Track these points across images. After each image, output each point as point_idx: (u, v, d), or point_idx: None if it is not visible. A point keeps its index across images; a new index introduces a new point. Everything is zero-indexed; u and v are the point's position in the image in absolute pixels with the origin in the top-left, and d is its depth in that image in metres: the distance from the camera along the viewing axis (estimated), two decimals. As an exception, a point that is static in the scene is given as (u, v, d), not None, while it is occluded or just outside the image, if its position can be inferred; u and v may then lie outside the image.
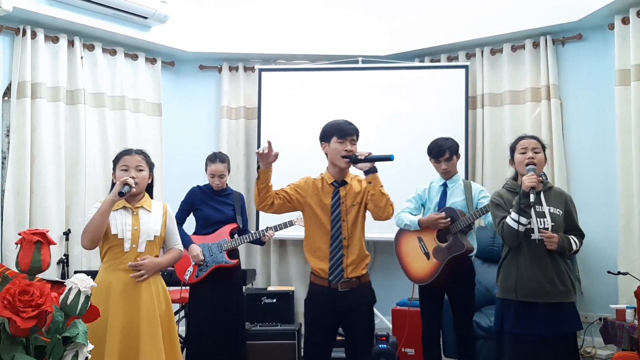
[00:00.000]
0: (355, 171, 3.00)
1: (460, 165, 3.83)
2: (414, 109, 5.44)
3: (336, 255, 2.86)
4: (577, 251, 2.95)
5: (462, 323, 3.58)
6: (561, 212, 2.94)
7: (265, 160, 2.78)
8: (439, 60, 5.68)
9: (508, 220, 2.89)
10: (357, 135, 2.94)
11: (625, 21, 4.58)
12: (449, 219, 3.49)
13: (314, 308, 2.96)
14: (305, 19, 5.65)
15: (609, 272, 4.36)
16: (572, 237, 2.93)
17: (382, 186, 2.87)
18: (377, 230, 4.41)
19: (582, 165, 5.00)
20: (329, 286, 2.86)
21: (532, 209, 2.86)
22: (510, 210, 2.89)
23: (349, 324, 2.92)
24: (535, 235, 2.87)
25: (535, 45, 5.17)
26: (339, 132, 2.89)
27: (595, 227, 4.82)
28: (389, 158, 2.82)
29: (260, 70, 5.69)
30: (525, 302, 2.85)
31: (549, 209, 2.91)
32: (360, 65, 5.65)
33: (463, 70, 5.40)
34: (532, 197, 2.80)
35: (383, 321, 5.37)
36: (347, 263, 2.86)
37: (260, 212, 5.49)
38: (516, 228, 2.84)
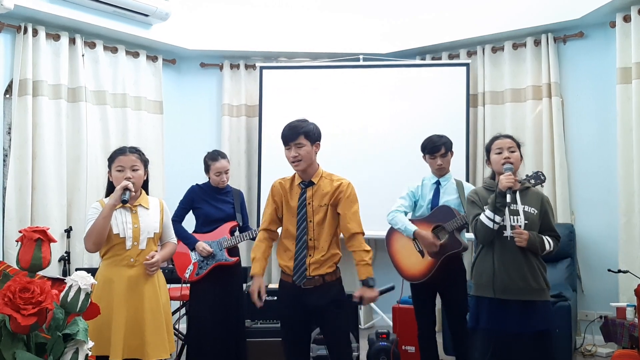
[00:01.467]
0: (326, 168, 3.00)
1: (460, 163, 3.84)
2: (415, 106, 5.44)
3: (300, 255, 2.87)
4: (551, 252, 2.92)
5: (456, 320, 3.58)
6: (536, 211, 2.93)
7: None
8: (440, 58, 5.68)
9: (482, 217, 2.90)
10: (304, 135, 2.85)
11: (627, 19, 4.57)
12: (439, 245, 3.49)
13: (283, 305, 2.98)
14: (306, 17, 5.65)
15: (609, 270, 4.36)
16: (547, 237, 2.92)
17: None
18: (377, 227, 4.43)
19: (583, 163, 4.99)
20: (292, 282, 2.88)
21: (507, 207, 2.87)
22: (485, 207, 2.90)
23: (321, 322, 2.94)
24: (508, 233, 2.88)
25: (537, 43, 5.17)
26: (283, 139, 2.89)
27: (596, 224, 4.84)
28: (392, 288, 3.03)
29: (262, 67, 5.69)
30: (497, 299, 2.86)
31: (524, 208, 2.91)
32: (361, 63, 5.65)
33: (464, 68, 5.40)
34: (508, 197, 2.82)
35: (383, 318, 5.38)
36: (310, 262, 2.85)
37: (262, 209, 5.50)
38: (490, 226, 2.86)
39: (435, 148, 3.62)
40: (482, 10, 5.27)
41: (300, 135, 2.84)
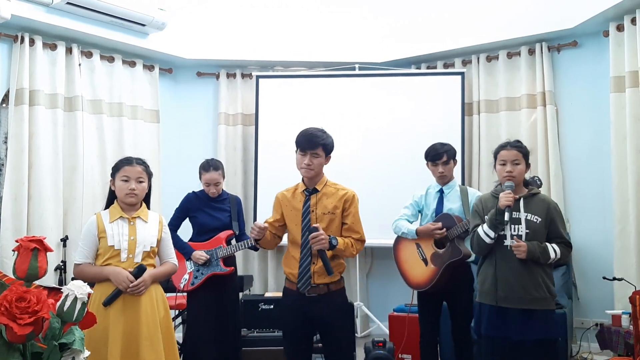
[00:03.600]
0: (330, 176, 3.01)
1: (456, 171, 3.85)
2: (410, 115, 5.46)
3: (304, 262, 2.86)
4: (558, 259, 2.91)
5: (461, 328, 3.59)
6: (540, 219, 2.92)
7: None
8: (435, 67, 5.71)
9: (479, 230, 2.92)
10: (322, 147, 2.87)
11: (620, 28, 4.61)
12: (444, 229, 3.50)
13: (286, 313, 2.98)
14: (302, 26, 5.68)
15: (604, 277, 4.37)
16: (553, 245, 2.90)
17: (344, 250, 2.84)
18: (375, 236, 4.44)
19: (577, 171, 5.02)
20: (297, 290, 2.88)
21: (509, 215, 2.88)
22: (485, 219, 2.91)
23: (323, 331, 2.93)
24: (508, 242, 2.89)
25: (531, 52, 5.20)
26: (300, 145, 2.91)
27: (591, 232, 4.86)
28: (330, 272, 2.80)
29: (258, 77, 5.72)
30: (498, 307, 2.88)
31: (526, 216, 2.91)
32: (357, 72, 5.68)
33: (459, 77, 5.43)
34: (506, 216, 2.83)
35: (380, 327, 5.37)
36: (315, 270, 2.85)
37: (258, 218, 5.52)
38: (486, 241, 2.89)
39: (437, 156, 3.63)
40: (477, 19, 5.30)
41: (320, 146, 2.87)
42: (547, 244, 2.90)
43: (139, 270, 2.71)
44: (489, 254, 2.96)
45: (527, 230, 2.88)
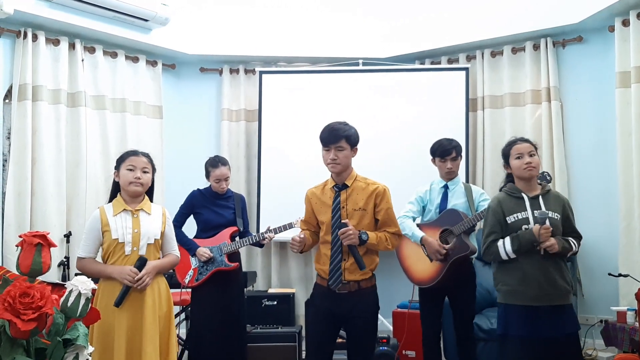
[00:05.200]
0: (359, 171, 2.97)
1: (460, 167, 3.83)
2: (414, 111, 5.44)
3: (335, 259, 2.84)
4: (575, 252, 2.95)
5: (463, 325, 3.58)
6: (559, 216, 2.92)
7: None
8: (439, 63, 5.68)
9: (500, 246, 2.89)
10: (345, 139, 2.84)
11: (626, 23, 4.58)
12: (444, 253, 3.47)
13: (315, 309, 2.97)
14: (305, 21, 5.66)
15: (609, 274, 4.35)
16: (571, 239, 2.93)
17: (377, 244, 2.83)
18: (377, 232, 4.42)
19: (582, 168, 5.00)
20: (327, 287, 2.86)
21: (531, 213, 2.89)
22: (507, 239, 2.87)
23: (349, 328, 2.90)
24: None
25: (536, 47, 5.18)
26: (322, 141, 2.88)
27: (596, 229, 4.83)
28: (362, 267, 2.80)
29: (261, 72, 5.70)
30: (528, 306, 2.85)
31: (548, 214, 2.90)
32: (360, 67, 5.65)
33: (463, 72, 5.41)
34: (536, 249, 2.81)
35: (384, 323, 5.36)
36: (345, 266, 2.83)
37: (262, 214, 5.52)
38: (504, 257, 2.88)
39: (446, 152, 3.61)
40: (481, 14, 5.28)
41: (342, 138, 2.83)
42: (568, 238, 2.92)
43: (141, 263, 2.71)
44: None
45: (551, 228, 2.85)
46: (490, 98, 5.39)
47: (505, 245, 2.88)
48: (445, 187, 3.67)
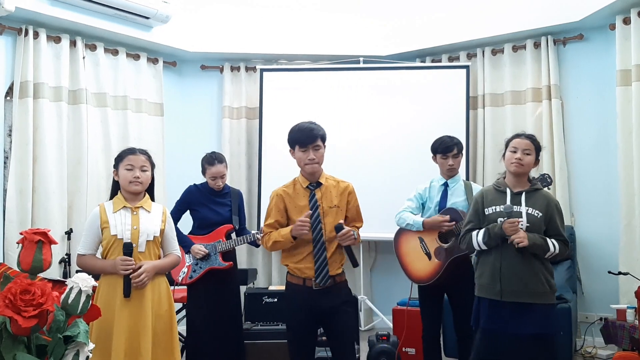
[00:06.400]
0: (332, 169, 3.04)
1: (461, 165, 3.83)
2: (415, 109, 5.44)
3: (320, 256, 2.86)
4: (557, 255, 2.88)
5: (463, 322, 3.58)
6: (540, 214, 2.89)
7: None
8: (440, 61, 5.68)
9: (474, 237, 2.94)
10: (320, 138, 2.88)
11: (627, 21, 4.58)
12: (453, 222, 3.48)
13: (293, 309, 2.95)
14: (306, 19, 5.66)
15: (609, 272, 4.36)
16: (552, 240, 2.87)
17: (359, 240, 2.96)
18: (378, 230, 4.44)
19: (583, 166, 5.00)
20: (303, 285, 2.88)
21: (511, 208, 2.91)
22: (479, 232, 2.93)
23: (329, 324, 2.91)
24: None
25: (537, 45, 5.17)
26: (299, 142, 2.88)
27: (597, 227, 4.84)
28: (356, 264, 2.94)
29: (262, 70, 5.70)
30: (497, 301, 2.87)
31: (527, 210, 2.89)
32: (361, 65, 5.66)
33: (464, 70, 5.41)
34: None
35: (384, 321, 5.38)
36: (329, 262, 2.87)
37: (261, 212, 5.52)
38: (477, 247, 2.93)
39: (448, 148, 3.61)
40: (482, 12, 5.27)
41: (318, 138, 2.89)
42: (547, 238, 2.89)
43: (127, 249, 2.71)
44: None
45: (528, 224, 2.86)
46: (491, 96, 5.39)
47: (478, 236, 2.93)
48: (445, 184, 3.67)
